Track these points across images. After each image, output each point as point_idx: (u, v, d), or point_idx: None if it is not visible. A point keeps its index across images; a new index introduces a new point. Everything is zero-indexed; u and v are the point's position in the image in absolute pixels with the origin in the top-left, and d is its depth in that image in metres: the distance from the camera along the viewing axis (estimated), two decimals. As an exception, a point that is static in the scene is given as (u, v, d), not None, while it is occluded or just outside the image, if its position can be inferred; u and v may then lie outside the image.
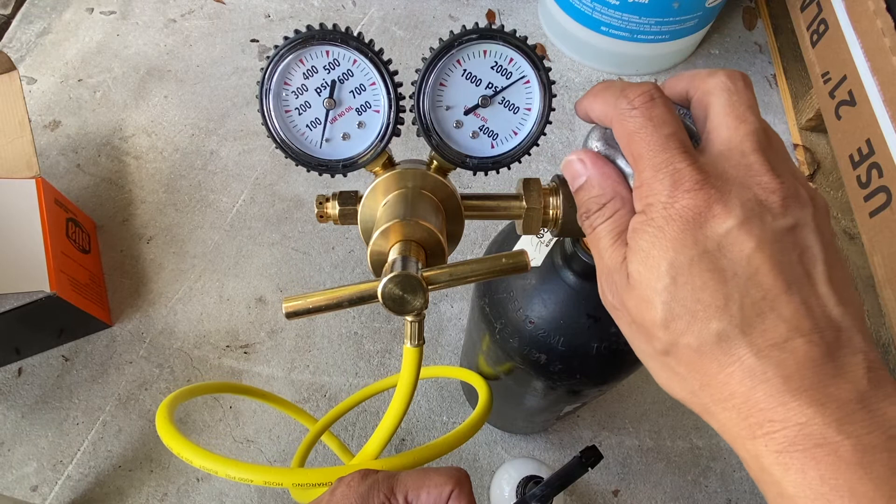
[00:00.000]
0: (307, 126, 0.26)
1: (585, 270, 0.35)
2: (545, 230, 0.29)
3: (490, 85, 0.26)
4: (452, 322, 0.73)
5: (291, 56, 0.25)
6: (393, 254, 0.25)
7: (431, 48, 0.25)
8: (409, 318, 0.27)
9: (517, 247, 0.40)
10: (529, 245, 0.39)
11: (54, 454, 0.65)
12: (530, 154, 0.27)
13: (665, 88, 0.24)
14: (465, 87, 0.26)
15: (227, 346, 0.71)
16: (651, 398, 0.70)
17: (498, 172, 0.28)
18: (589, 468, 0.45)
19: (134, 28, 0.93)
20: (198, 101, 0.87)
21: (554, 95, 0.26)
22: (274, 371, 0.70)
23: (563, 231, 0.28)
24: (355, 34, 0.25)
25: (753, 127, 0.21)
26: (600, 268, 0.23)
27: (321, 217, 0.29)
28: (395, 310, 0.24)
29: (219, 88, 0.88)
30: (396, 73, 0.26)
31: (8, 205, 0.61)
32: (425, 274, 0.24)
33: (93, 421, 0.66)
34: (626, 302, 0.21)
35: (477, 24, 0.25)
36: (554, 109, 0.26)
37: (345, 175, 0.27)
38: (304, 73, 0.25)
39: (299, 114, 0.26)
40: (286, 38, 0.24)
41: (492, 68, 0.25)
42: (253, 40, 0.94)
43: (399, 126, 0.26)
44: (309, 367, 0.70)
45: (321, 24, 0.24)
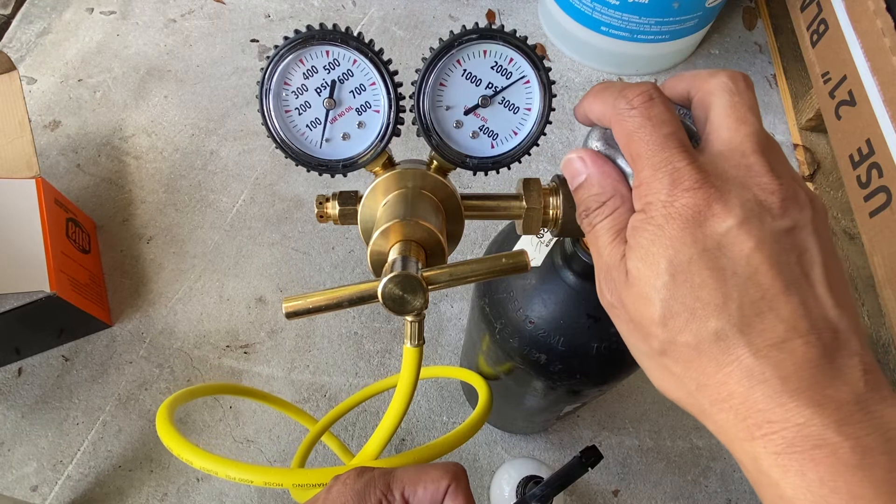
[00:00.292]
0: (307, 126, 0.26)
1: (585, 270, 0.35)
2: (545, 230, 0.29)
3: (490, 85, 0.26)
4: (452, 322, 0.73)
5: (291, 56, 0.25)
6: (393, 254, 0.25)
7: (431, 48, 0.25)
8: (409, 318, 0.27)
9: (517, 247, 0.40)
10: (529, 245, 0.39)
11: (54, 454, 0.65)
12: (530, 154, 0.27)
13: (666, 88, 0.24)
14: (465, 87, 0.26)
15: (227, 346, 0.71)
16: (651, 398, 0.70)
17: (498, 172, 0.28)
18: (589, 468, 0.45)
19: (134, 28, 0.93)
20: (198, 101, 0.87)
21: (554, 95, 0.26)
22: (274, 371, 0.70)
23: (563, 231, 0.28)
24: (355, 34, 0.25)
25: (754, 128, 0.21)
26: (599, 266, 0.23)
27: (321, 217, 0.29)
28: (395, 310, 0.24)
29: (219, 88, 0.88)
30: (396, 73, 0.26)
31: (8, 205, 0.61)
32: (425, 274, 0.24)
33: (93, 421, 0.66)
34: (625, 299, 0.21)
35: (477, 24, 0.25)
36: (554, 109, 0.26)
37: (345, 175, 0.27)
38: (304, 73, 0.25)
39: (299, 114, 0.26)
40: (286, 38, 0.24)
41: (492, 68, 0.25)
42: (253, 40, 0.94)
43: (399, 126, 0.26)
44: (309, 367, 0.70)
45: (321, 24, 0.24)
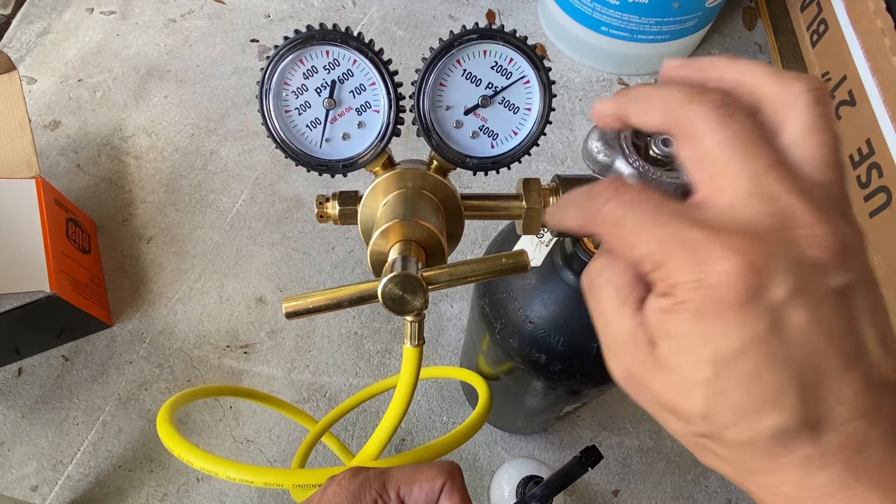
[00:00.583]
0: (307, 126, 0.26)
1: (585, 270, 0.34)
2: (545, 230, 0.29)
3: (490, 85, 0.26)
4: (452, 322, 0.73)
5: (291, 56, 0.25)
6: (393, 254, 0.25)
7: (431, 48, 0.25)
8: (409, 318, 0.27)
9: (517, 247, 0.40)
10: (529, 245, 0.39)
11: (54, 454, 0.65)
12: (530, 154, 0.27)
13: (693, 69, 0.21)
14: (465, 87, 0.26)
15: (227, 346, 0.71)
16: (651, 398, 0.70)
17: (498, 172, 0.28)
18: (589, 468, 0.45)
19: (134, 28, 0.93)
20: (198, 101, 0.87)
21: (554, 95, 0.26)
22: (274, 371, 0.70)
23: (563, 231, 0.28)
24: (355, 34, 0.25)
25: (769, 158, 0.17)
26: (604, 334, 0.20)
27: (321, 217, 0.29)
28: (395, 310, 0.24)
29: (219, 88, 0.88)
30: (396, 73, 0.26)
31: (8, 205, 0.61)
32: (425, 274, 0.24)
33: (93, 421, 0.66)
34: (651, 384, 0.18)
35: (477, 24, 0.25)
36: (554, 109, 0.26)
37: (345, 175, 0.27)
38: (304, 73, 0.25)
39: (299, 114, 0.26)
40: (286, 38, 0.24)
41: (492, 68, 0.25)
42: (253, 40, 0.94)
43: (399, 126, 0.26)
44: (309, 367, 0.70)
45: (321, 24, 0.24)
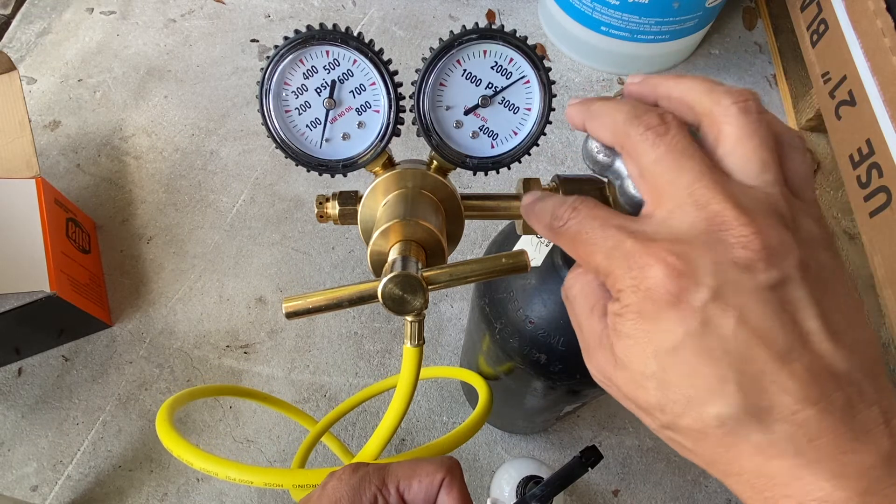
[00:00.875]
0: (307, 126, 0.26)
1: (585, 270, 0.34)
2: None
3: (490, 85, 0.26)
4: (452, 322, 0.73)
5: (291, 56, 0.25)
6: (393, 254, 0.25)
7: (431, 48, 0.25)
8: (409, 318, 0.27)
9: (517, 247, 0.40)
10: (529, 245, 0.39)
11: (54, 454, 0.65)
12: (530, 154, 0.27)
13: (661, 88, 0.22)
14: (465, 87, 0.26)
15: (227, 346, 0.71)
16: (651, 398, 0.70)
17: (498, 172, 0.28)
18: (589, 468, 0.45)
19: (134, 28, 0.93)
20: (198, 101, 0.87)
21: (554, 95, 0.26)
22: (274, 371, 0.70)
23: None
24: (355, 34, 0.25)
25: (697, 169, 0.19)
26: (581, 340, 0.22)
27: (321, 217, 0.29)
28: (395, 310, 0.24)
29: (219, 88, 0.88)
30: (396, 73, 0.26)
31: (8, 205, 0.61)
32: (425, 274, 0.24)
33: (93, 421, 0.66)
34: (616, 381, 0.20)
35: (477, 24, 0.25)
36: (554, 109, 0.26)
37: (345, 175, 0.27)
38: (304, 73, 0.25)
39: (299, 114, 0.26)
40: (286, 38, 0.24)
41: (492, 68, 0.25)
42: (253, 40, 0.94)
43: (399, 126, 0.26)
44: (309, 367, 0.70)
45: (321, 24, 0.24)
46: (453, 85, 0.26)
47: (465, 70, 0.25)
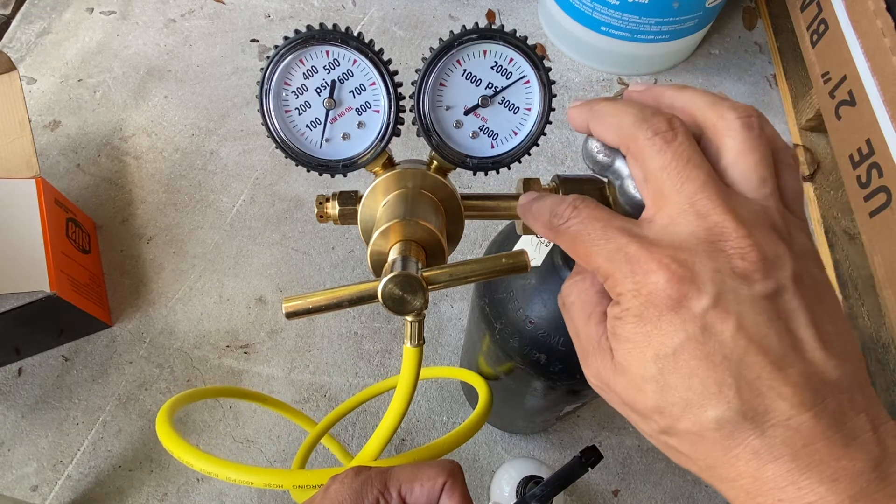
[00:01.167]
0: (307, 126, 0.26)
1: (585, 270, 0.34)
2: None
3: (490, 85, 0.26)
4: (452, 322, 0.73)
5: (291, 56, 0.25)
6: (393, 254, 0.25)
7: (431, 48, 0.25)
8: (409, 318, 0.27)
9: (517, 247, 0.40)
10: (529, 245, 0.39)
11: (54, 454, 0.65)
12: (530, 154, 0.27)
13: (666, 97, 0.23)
14: (465, 87, 0.26)
15: (227, 346, 0.71)
16: (651, 398, 0.70)
17: (498, 172, 0.28)
18: (589, 468, 0.45)
19: (134, 28, 0.93)
20: (198, 101, 0.87)
21: (554, 95, 0.26)
22: (274, 371, 0.70)
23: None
24: (355, 34, 0.25)
25: (701, 180, 0.19)
26: (577, 347, 0.23)
27: (321, 217, 0.29)
28: (395, 310, 0.24)
29: (219, 88, 0.88)
30: (396, 73, 0.26)
31: (8, 205, 0.61)
32: (425, 274, 0.24)
33: (93, 421, 0.66)
34: (614, 386, 0.21)
35: (477, 24, 0.25)
36: (554, 109, 0.26)
37: (345, 175, 0.27)
38: (304, 73, 0.25)
39: (299, 114, 0.26)
40: (286, 38, 0.24)
41: (492, 68, 0.25)
42: (253, 40, 0.94)
43: (399, 126, 0.26)
44: (309, 367, 0.70)
45: (321, 24, 0.24)
46: (453, 85, 0.26)
47: (465, 70, 0.25)
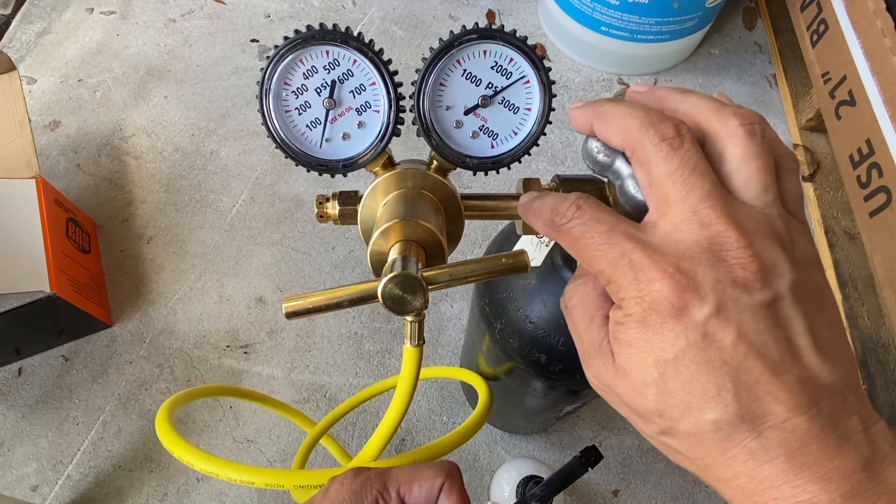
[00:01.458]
0: (307, 126, 0.26)
1: (585, 270, 0.34)
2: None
3: (490, 85, 0.26)
4: (452, 322, 0.73)
5: (291, 56, 0.25)
6: (393, 254, 0.25)
7: (431, 48, 0.25)
8: (409, 318, 0.27)
9: (517, 247, 0.40)
10: (529, 245, 0.39)
11: (54, 454, 0.65)
12: (530, 154, 0.27)
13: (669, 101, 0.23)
14: (465, 87, 0.26)
15: (227, 346, 0.71)
16: (651, 398, 0.70)
17: (498, 172, 0.28)
18: (589, 468, 0.45)
19: (134, 28, 0.93)
20: (198, 101, 0.87)
21: (554, 95, 0.26)
22: (274, 371, 0.70)
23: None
24: (355, 34, 0.25)
25: (706, 189, 0.19)
26: (579, 349, 0.23)
27: (321, 217, 0.29)
28: (395, 310, 0.24)
29: (219, 88, 0.88)
30: (396, 73, 0.26)
31: (8, 205, 0.61)
32: (425, 274, 0.24)
33: (93, 421, 0.66)
34: (615, 388, 0.21)
35: (477, 24, 0.25)
36: (554, 109, 0.26)
37: (345, 175, 0.27)
38: (304, 73, 0.25)
39: (299, 114, 0.26)
40: (286, 38, 0.24)
41: (492, 68, 0.25)
42: (253, 40, 0.94)
43: (399, 126, 0.26)
44: (309, 367, 0.70)
45: (321, 24, 0.24)
46: (453, 85, 0.26)
47: (465, 70, 0.25)
